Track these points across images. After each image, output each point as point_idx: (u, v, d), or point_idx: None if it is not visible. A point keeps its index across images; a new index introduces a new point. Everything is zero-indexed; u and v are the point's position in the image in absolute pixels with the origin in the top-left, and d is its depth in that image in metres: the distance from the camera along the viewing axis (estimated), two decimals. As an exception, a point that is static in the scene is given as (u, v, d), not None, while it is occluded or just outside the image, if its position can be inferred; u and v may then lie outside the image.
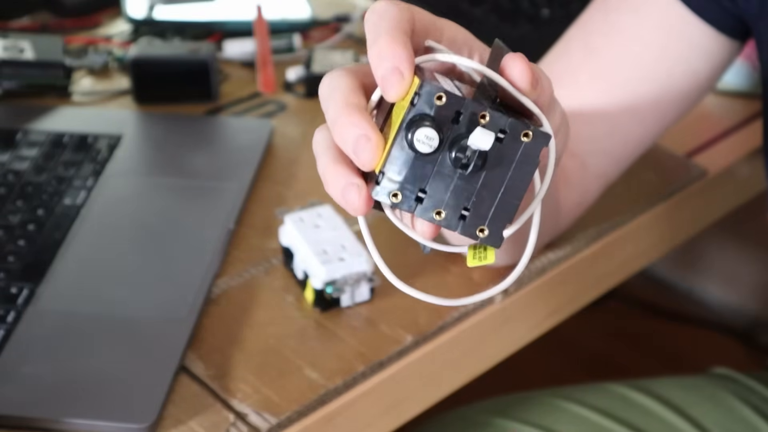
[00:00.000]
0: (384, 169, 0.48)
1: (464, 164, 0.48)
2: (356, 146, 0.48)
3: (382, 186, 0.48)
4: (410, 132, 0.47)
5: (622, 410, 0.91)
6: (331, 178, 0.50)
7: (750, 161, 0.97)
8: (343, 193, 0.49)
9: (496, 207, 0.49)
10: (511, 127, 0.48)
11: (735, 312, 1.75)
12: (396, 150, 0.48)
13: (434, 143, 0.47)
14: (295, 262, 0.77)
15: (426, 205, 0.48)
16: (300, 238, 0.76)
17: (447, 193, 0.48)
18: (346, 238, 0.76)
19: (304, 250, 0.75)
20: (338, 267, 0.74)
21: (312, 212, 0.78)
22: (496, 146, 0.48)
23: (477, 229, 0.49)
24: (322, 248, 0.75)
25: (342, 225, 0.77)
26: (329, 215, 0.78)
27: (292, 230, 0.77)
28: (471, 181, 0.48)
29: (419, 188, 0.48)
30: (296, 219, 0.77)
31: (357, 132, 0.48)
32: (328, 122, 0.50)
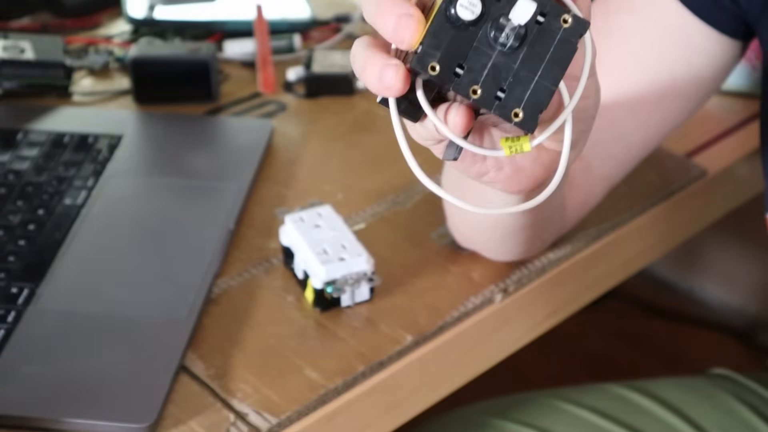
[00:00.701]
0: (423, 41, 0.47)
1: (503, 42, 0.47)
2: (398, 25, 0.47)
3: (420, 56, 0.47)
4: (453, 5, 0.47)
5: (621, 411, 0.91)
6: (369, 63, 0.48)
7: (750, 161, 0.97)
8: (381, 73, 0.48)
9: (532, 90, 0.48)
10: (552, 8, 0.48)
11: (735, 312, 1.75)
12: (436, 25, 0.47)
13: (477, 9, 0.47)
14: (295, 262, 0.77)
15: (463, 80, 0.48)
16: (300, 238, 0.76)
17: (485, 71, 0.48)
18: (346, 238, 0.76)
19: (304, 250, 0.75)
20: (338, 267, 0.74)
21: (312, 212, 0.78)
22: (535, 28, 0.48)
23: (512, 111, 0.48)
24: (322, 248, 0.75)
25: (342, 225, 0.77)
26: (329, 215, 0.78)
27: (292, 230, 0.77)
28: (509, 61, 0.48)
29: (457, 62, 0.48)
30: (296, 219, 0.77)
31: (399, 11, 0.47)
32: (370, 13, 0.49)
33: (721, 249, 1.74)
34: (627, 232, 0.87)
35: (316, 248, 0.75)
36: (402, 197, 0.87)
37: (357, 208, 0.85)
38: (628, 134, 0.79)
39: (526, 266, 0.80)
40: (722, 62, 0.78)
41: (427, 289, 0.78)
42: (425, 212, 0.85)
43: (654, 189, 0.89)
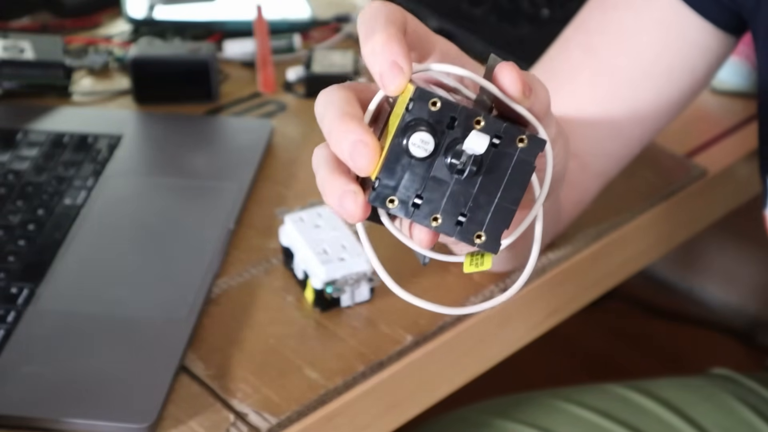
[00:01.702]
0: (380, 176, 0.48)
1: (460, 169, 0.48)
2: (353, 151, 0.48)
3: (378, 192, 0.48)
4: (406, 137, 0.48)
5: (622, 411, 0.91)
6: (328, 187, 0.50)
7: (750, 161, 0.97)
8: (340, 200, 0.49)
9: (493, 213, 0.48)
10: (506, 132, 0.48)
11: (735, 312, 1.75)
12: (391, 156, 0.48)
13: (429, 147, 0.47)
14: (295, 262, 0.77)
15: (423, 210, 0.48)
16: (300, 238, 0.76)
17: (444, 199, 0.48)
18: (346, 238, 0.76)
19: (304, 250, 0.75)
20: (338, 267, 0.74)
21: (312, 212, 0.78)
22: (491, 151, 0.48)
23: (474, 235, 0.49)
24: (322, 248, 0.75)
25: (342, 225, 0.77)
26: (329, 215, 0.78)
27: (292, 230, 0.77)
28: (467, 187, 0.48)
29: (415, 194, 0.48)
30: (296, 219, 0.77)
31: (353, 137, 0.48)
32: (325, 134, 0.50)
33: (721, 249, 1.74)
34: (627, 232, 0.87)
35: (316, 248, 0.75)
36: (402, 197, 0.86)
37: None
38: (626, 131, 0.79)
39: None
40: (716, 57, 0.78)
41: (427, 289, 0.78)
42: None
43: (654, 189, 0.89)
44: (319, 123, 0.51)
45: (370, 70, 0.49)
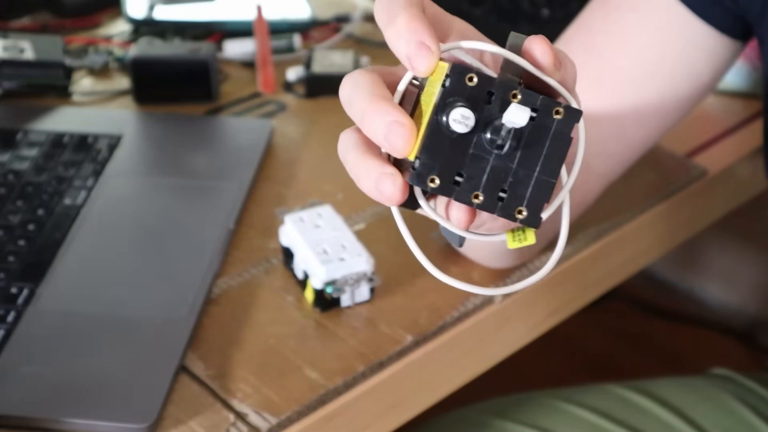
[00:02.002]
0: (419, 155, 0.47)
1: (500, 144, 0.47)
2: (389, 133, 0.46)
3: (419, 171, 0.47)
4: (444, 114, 0.47)
5: (621, 411, 0.91)
6: (363, 172, 0.48)
7: (750, 161, 0.97)
8: (377, 184, 0.47)
9: (533, 187, 0.48)
10: (542, 104, 0.47)
11: (735, 312, 1.75)
12: (429, 134, 0.47)
13: (470, 122, 0.47)
14: (295, 262, 0.77)
15: (463, 188, 0.48)
16: (300, 238, 0.76)
17: (484, 176, 0.48)
18: (346, 238, 0.76)
19: (304, 250, 0.75)
20: (338, 267, 0.74)
21: (312, 212, 0.78)
22: (529, 125, 0.47)
23: (515, 210, 0.48)
24: (322, 248, 0.75)
25: (342, 225, 0.77)
26: (329, 215, 0.78)
27: (292, 230, 0.77)
28: (507, 162, 0.48)
29: (456, 172, 0.47)
30: (296, 219, 0.77)
31: (388, 119, 0.47)
32: (356, 117, 0.49)
33: (721, 249, 1.74)
34: (627, 232, 0.87)
35: (316, 248, 0.75)
36: (402, 197, 0.86)
37: (357, 208, 0.85)
38: (629, 132, 0.79)
39: (526, 266, 0.80)
40: (721, 61, 0.78)
41: (427, 289, 0.78)
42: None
43: (654, 189, 0.89)
44: (347, 108, 0.50)
45: (396, 54, 0.48)
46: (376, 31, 1.11)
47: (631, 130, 0.78)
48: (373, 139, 0.48)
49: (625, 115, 0.77)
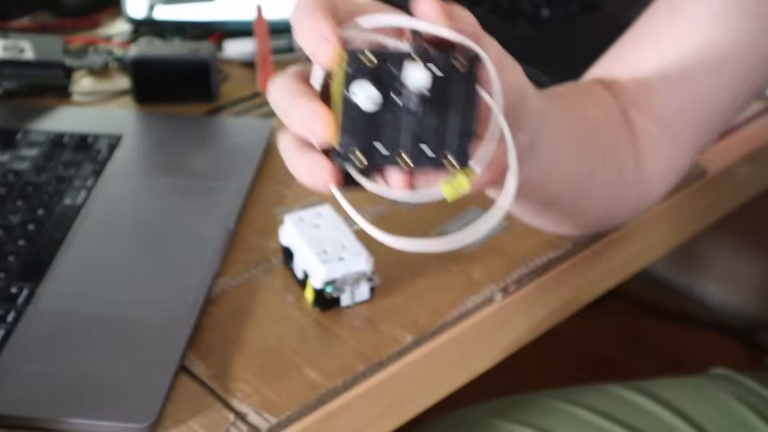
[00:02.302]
0: (340, 138, 0.50)
1: (411, 108, 0.50)
2: (310, 125, 0.51)
3: (341, 152, 0.51)
4: (353, 96, 0.50)
5: (621, 411, 0.91)
6: (298, 167, 0.52)
7: (750, 161, 0.97)
8: (311, 173, 0.52)
9: (454, 134, 0.51)
10: (436, 57, 0.50)
11: (735, 312, 1.75)
12: (345, 118, 0.50)
13: (377, 99, 0.50)
14: (295, 262, 0.77)
15: (389, 155, 0.51)
16: (300, 238, 0.76)
17: (406, 138, 0.51)
18: (346, 237, 0.76)
19: (303, 249, 0.75)
20: (338, 266, 0.74)
21: (312, 212, 0.78)
22: (435, 82, 0.50)
23: (441, 157, 0.51)
24: (322, 248, 0.75)
25: (342, 225, 0.77)
26: (329, 215, 0.78)
27: (291, 230, 0.77)
28: (426, 122, 0.51)
29: (376, 141, 0.51)
30: (296, 219, 0.77)
31: (306, 113, 0.51)
32: (283, 118, 0.52)
33: (721, 249, 1.74)
34: (627, 232, 0.87)
35: (316, 248, 0.75)
36: (402, 197, 0.87)
37: (357, 207, 0.84)
38: (712, 95, 0.76)
39: (526, 265, 0.80)
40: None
41: (427, 289, 0.78)
42: (425, 212, 0.85)
43: (654, 189, 0.89)
44: (276, 112, 0.53)
45: (307, 54, 0.51)
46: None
47: (714, 91, 0.76)
48: (299, 134, 0.52)
49: (706, 77, 0.76)
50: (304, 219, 0.77)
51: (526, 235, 0.83)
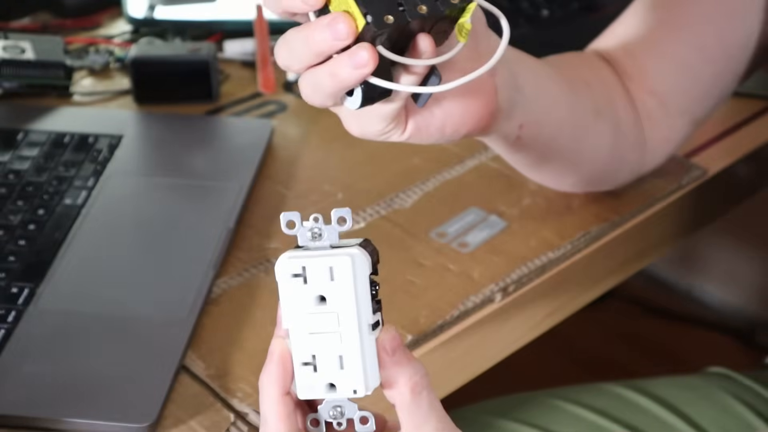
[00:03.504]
0: (366, 15, 0.52)
1: None
2: (332, 31, 0.52)
3: (373, 21, 0.52)
4: None
5: (620, 410, 0.91)
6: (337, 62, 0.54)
7: (750, 161, 0.97)
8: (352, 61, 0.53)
9: None
10: None
11: (735, 312, 1.75)
12: None
13: None
14: None
15: (408, 9, 0.53)
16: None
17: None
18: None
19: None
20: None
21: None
22: None
23: None
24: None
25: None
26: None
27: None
28: None
29: (397, 3, 0.53)
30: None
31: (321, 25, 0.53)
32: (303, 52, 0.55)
33: (721, 249, 1.74)
34: (627, 232, 0.87)
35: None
36: (401, 197, 0.87)
37: (357, 207, 0.85)
38: (694, 68, 0.81)
39: (526, 265, 0.80)
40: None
41: (427, 289, 0.78)
42: (425, 211, 0.85)
43: (654, 189, 0.89)
44: (290, 56, 0.56)
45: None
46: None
47: (699, 66, 0.81)
48: (325, 50, 0.53)
49: (689, 52, 0.80)
50: None
51: (526, 235, 0.83)
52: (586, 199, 0.87)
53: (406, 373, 0.52)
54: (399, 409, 0.53)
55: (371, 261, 0.53)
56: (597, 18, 1.07)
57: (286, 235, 0.53)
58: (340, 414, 0.53)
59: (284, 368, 0.53)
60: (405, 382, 0.52)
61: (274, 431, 0.52)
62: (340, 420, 0.53)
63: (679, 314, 1.76)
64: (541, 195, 0.87)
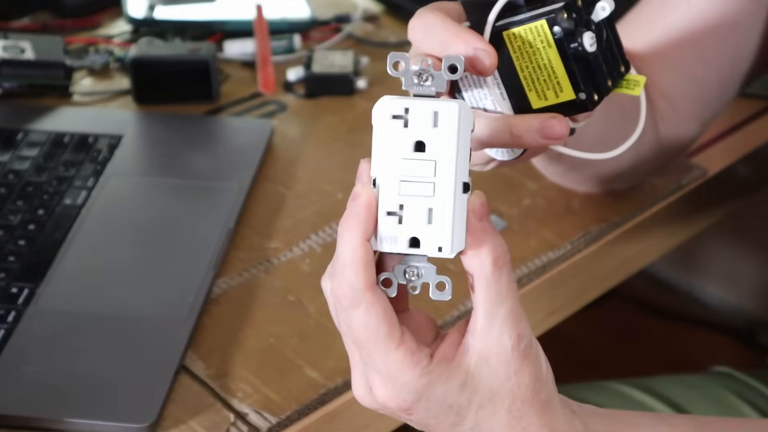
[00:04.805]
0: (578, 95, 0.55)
1: (602, 38, 0.55)
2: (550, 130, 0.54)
3: (587, 99, 0.55)
4: (571, 47, 0.53)
5: (622, 408, 0.91)
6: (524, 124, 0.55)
7: (750, 161, 0.97)
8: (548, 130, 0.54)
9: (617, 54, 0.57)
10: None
11: (735, 312, 1.75)
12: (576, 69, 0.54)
13: (594, 39, 0.54)
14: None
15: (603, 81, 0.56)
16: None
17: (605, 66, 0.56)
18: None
19: None
20: None
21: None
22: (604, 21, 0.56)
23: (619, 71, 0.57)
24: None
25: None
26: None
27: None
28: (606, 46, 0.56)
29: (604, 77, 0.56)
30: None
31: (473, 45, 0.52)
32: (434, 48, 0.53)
33: (721, 249, 1.74)
34: (627, 232, 0.87)
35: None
36: (402, 197, 0.87)
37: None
38: (703, 80, 0.82)
39: (526, 265, 0.80)
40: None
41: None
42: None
43: (654, 189, 0.89)
44: (420, 41, 0.53)
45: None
46: (376, 31, 1.11)
47: (700, 72, 0.81)
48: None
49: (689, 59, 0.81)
50: None
51: (526, 235, 0.83)
52: (586, 199, 0.87)
53: (491, 242, 0.50)
54: (477, 282, 0.51)
55: (473, 121, 0.50)
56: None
57: (392, 76, 0.50)
58: (417, 276, 0.50)
59: (369, 212, 0.50)
60: (489, 251, 0.50)
61: (350, 279, 0.49)
62: (415, 283, 0.50)
63: (679, 314, 1.76)
64: (541, 195, 0.87)
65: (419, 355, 0.50)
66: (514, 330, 0.51)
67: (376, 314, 0.50)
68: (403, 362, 0.50)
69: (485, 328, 0.51)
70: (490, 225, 0.50)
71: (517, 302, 0.51)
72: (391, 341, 0.50)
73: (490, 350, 0.51)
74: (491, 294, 0.50)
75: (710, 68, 0.82)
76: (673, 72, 0.81)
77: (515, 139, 0.55)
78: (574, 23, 0.53)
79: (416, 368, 0.50)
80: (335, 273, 0.50)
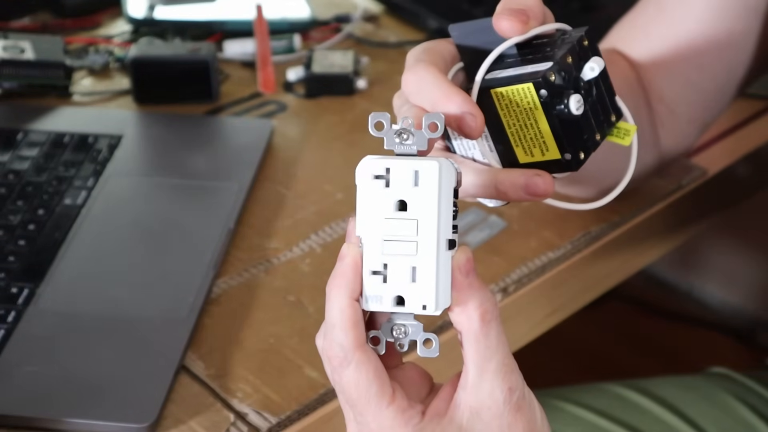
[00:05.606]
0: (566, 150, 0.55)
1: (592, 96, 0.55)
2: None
3: (573, 159, 0.55)
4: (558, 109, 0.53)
5: (620, 410, 0.91)
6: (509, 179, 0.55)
7: (750, 161, 0.97)
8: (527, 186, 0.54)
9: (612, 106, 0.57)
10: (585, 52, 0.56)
11: (735, 312, 1.75)
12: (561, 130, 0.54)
13: (581, 102, 0.54)
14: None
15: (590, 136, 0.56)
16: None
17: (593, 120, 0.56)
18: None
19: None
20: None
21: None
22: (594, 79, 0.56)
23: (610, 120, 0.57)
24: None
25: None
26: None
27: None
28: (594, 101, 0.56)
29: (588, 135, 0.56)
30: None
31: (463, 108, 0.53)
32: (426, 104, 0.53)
33: (721, 249, 1.74)
34: (627, 232, 0.87)
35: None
36: (402, 197, 0.87)
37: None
38: (700, 85, 0.82)
39: (526, 265, 0.80)
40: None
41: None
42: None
43: (654, 189, 0.89)
44: (413, 96, 0.54)
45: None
46: (376, 31, 1.11)
47: (699, 81, 0.82)
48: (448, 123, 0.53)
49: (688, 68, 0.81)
50: None
51: (525, 236, 0.83)
52: (586, 199, 0.87)
53: (478, 297, 0.50)
54: (465, 338, 0.51)
55: (457, 177, 0.50)
56: (597, 18, 1.07)
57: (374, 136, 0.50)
58: (404, 334, 0.51)
59: (355, 272, 0.50)
60: (476, 307, 0.50)
61: (340, 340, 0.50)
62: (403, 341, 0.51)
63: (679, 314, 1.76)
64: (541, 195, 0.87)
65: (411, 413, 0.51)
66: (505, 383, 0.52)
67: (366, 373, 0.50)
68: (395, 420, 0.50)
69: (476, 383, 0.51)
70: (477, 280, 0.50)
71: (507, 355, 0.52)
72: (382, 399, 0.50)
73: (481, 404, 0.51)
74: (480, 349, 0.51)
75: (707, 74, 0.82)
76: (670, 77, 0.81)
77: (500, 194, 0.55)
78: (561, 86, 0.53)
79: (407, 426, 0.51)
80: (326, 333, 0.51)
